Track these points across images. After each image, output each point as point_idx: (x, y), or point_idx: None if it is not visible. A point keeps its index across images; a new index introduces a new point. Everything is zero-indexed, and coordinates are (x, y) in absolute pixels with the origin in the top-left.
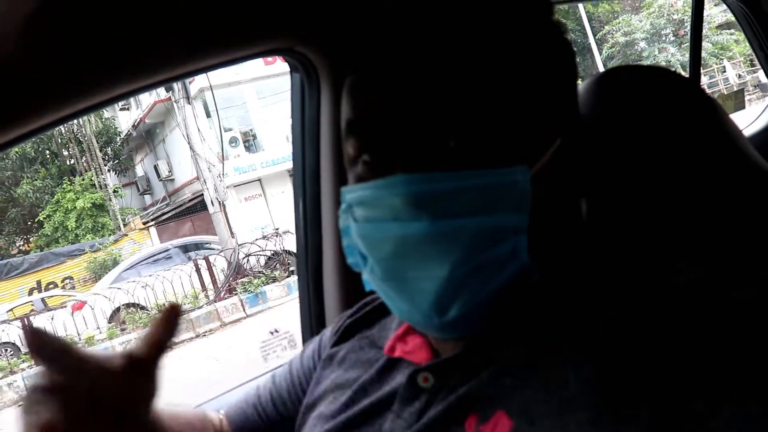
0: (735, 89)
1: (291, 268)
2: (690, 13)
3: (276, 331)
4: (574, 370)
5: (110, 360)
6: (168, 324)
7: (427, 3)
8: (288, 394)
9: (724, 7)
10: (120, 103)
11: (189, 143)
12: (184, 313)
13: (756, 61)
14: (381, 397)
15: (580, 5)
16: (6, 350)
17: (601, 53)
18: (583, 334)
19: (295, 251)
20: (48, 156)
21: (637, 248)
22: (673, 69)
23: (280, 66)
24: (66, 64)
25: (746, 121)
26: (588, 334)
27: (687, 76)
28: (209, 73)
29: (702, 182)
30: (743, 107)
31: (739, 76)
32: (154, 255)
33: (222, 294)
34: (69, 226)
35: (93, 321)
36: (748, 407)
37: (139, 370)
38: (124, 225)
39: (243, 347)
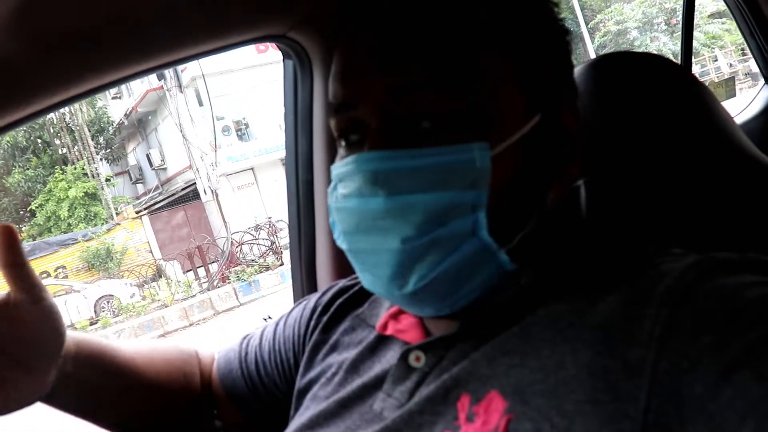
0: (726, 78)
1: (284, 257)
2: (681, 2)
3: (269, 317)
4: (571, 353)
5: None
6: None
7: None
8: (269, 357)
9: None
10: (112, 92)
11: (181, 132)
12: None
13: (747, 50)
14: (372, 376)
15: None
16: None
17: (593, 42)
18: (580, 318)
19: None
20: (40, 145)
21: (631, 232)
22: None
23: (272, 54)
24: (57, 50)
25: (737, 108)
26: (585, 317)
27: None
28: (201, 62)
29: (693, 168)
30: (734, 95)
31: (731, 65)
32: None
33: (215, 283)
34: (61, 216)
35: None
36: (747, 390)
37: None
38: (117, 214)
39: (237, 335)
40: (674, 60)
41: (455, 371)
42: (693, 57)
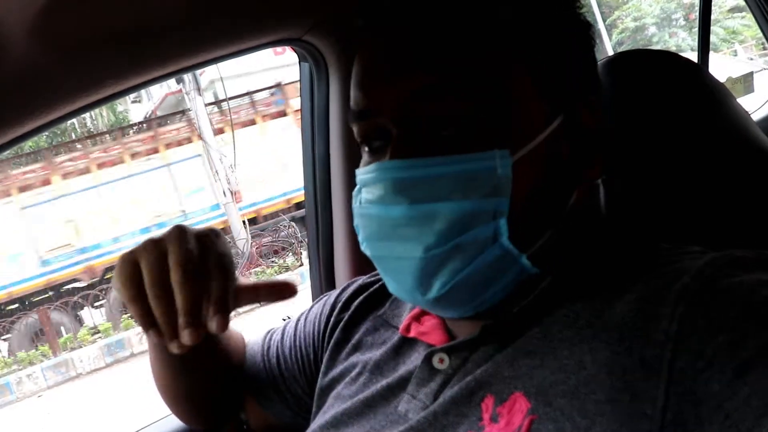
0: (744, 73)
1: (303, 257)
2: None
3: (289, 317)
4: (591, 353)
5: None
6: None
7: None
8: (290, 352)
9: None
10: (132, 96)
11: (200, 134)
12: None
13: (767, 44)
14: (396, 377)
15: None
16: None
17: (610, 38)
18: (598, 318)
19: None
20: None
21: (648, 230)
22: (683, 53)
23: (289, 57)
24: (78, 57)
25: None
26: (603, 317)
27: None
28: (219, 65)
29: (709, 166)
30: (752, 91)
31: (751, 60)
32: None
33: None
34: None
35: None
36: (763, 388)
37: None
38: None
39: (257, 334)
40: (695, 55)
41: (479, 373)
42: (713, 52)
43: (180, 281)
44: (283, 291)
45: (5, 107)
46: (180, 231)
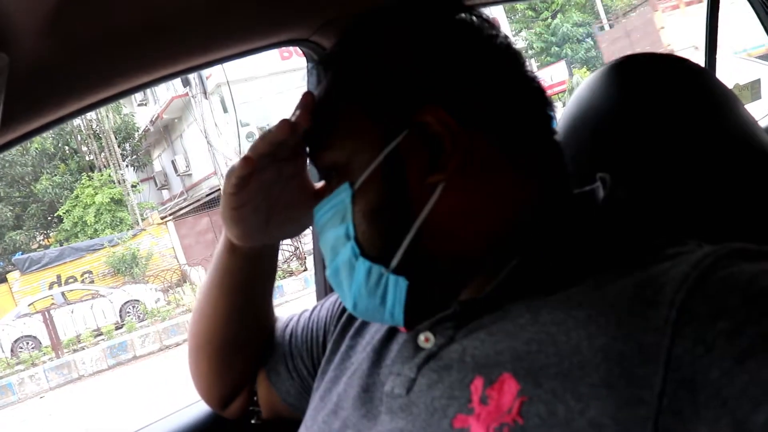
0: (752, 80)
1: (307, 262)
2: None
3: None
4: (587, 338)
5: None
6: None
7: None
8: (302, 332)
9: None
10: (138, 99)
11: (206, 138)
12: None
13: None
14: (388, 362)
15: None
16: (27, 343)
17: None
18: (588, 298)
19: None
20: (67, 152)
21: (651, 230)
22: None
23: (296, 61)
24: (87, 54)
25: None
26: (598, 301)
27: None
28: (226, 69)
29: (715, 170)
30: (759, 97)
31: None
32: None
33: None
34: (88, 221)
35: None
36: (762, 376)
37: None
38: (142, 220)
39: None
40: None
41: (467, 355)
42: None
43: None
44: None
45: (14, 104)
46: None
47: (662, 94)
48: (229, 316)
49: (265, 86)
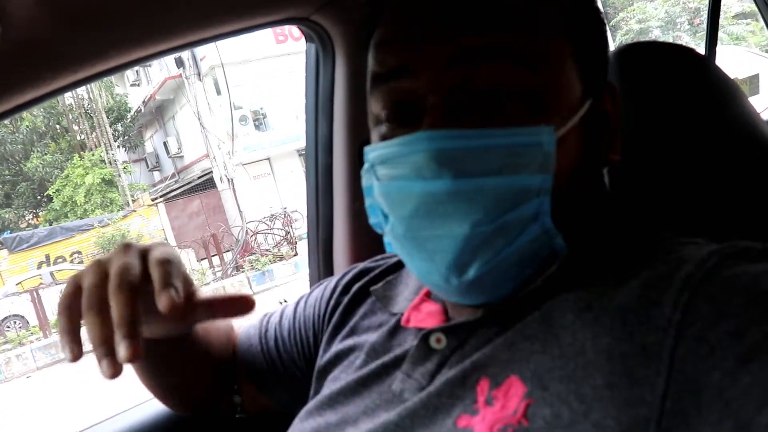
0: (750, 75)
1: (298, 247)
2: (706, 2)
3: (285, 301)
4: (592, 339)
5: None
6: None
7: None
8: (288, 334)
9: None
10: (131, 79)
11: (199, 120)
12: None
13: None
14: (392, 357)
15: None
16: (15, 322)
17: (614, 40)
18: (598, 301)
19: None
20: (58, 131)
21: (652, 221)
22: None
23: (291, 45)
24: (82, 27)
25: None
26: (603, 301)
27: None
28: (220, 51)
29: (716, 159)
30: (758, 92)
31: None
32: None
33: (229, 271)
34: (78, 201)
35: None
36: (765, 378)
37: None
38: (133, 201)
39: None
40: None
41: (476, 356)
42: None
43: (114, 289)
44: (241, 306)
45: (8, 75)
46: (124, 247)
47: (663, 81)
48: (170, 393)
49: (259, 70)
